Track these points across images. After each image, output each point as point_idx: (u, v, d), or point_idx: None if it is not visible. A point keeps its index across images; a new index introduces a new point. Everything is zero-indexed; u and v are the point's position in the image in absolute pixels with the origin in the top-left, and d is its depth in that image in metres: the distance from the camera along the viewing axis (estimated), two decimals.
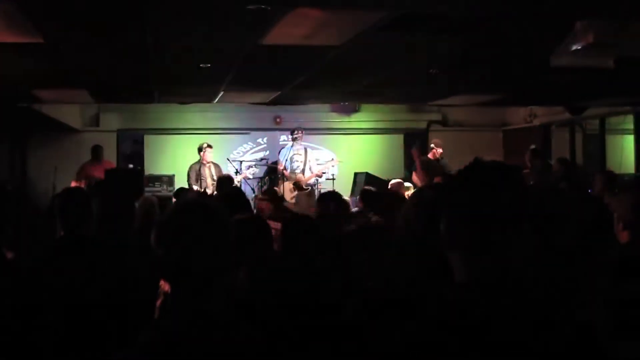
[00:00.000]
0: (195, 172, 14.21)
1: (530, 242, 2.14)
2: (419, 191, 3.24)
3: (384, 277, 3.34)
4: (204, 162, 14.21)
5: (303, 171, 14.63)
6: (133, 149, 18.07)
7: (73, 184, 11.01)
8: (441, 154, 14.10)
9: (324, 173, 15.07)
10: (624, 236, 4.72)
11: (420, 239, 2.84)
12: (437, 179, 11.42)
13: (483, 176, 2.15)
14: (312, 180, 14.77)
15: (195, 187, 13.94)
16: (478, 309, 2.02)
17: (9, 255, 3.81)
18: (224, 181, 10.99)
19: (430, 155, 14.23)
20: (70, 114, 15.82)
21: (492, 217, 2.08)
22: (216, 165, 14.40)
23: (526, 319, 2.00)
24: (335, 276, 4.70)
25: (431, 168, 13.46)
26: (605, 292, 4.09)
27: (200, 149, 14.30)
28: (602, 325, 3.54)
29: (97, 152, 14.47)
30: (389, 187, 11.97)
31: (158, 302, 3.85)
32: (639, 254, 4.54)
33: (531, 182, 11.32)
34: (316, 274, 4.47)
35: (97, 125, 17.33)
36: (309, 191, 14.44)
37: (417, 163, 12.51)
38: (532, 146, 14.24)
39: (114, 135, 17.45)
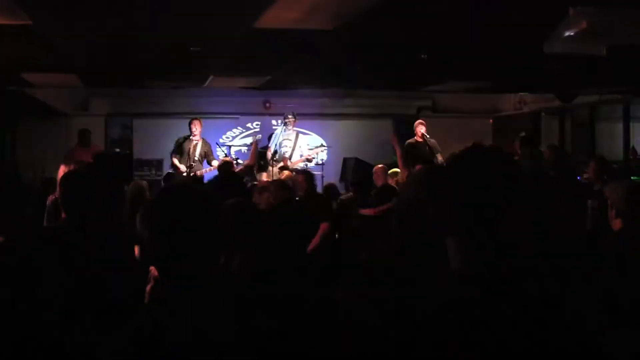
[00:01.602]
0: (178, 144, 14.05)
1: (527, 230, 2.12)
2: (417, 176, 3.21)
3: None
4: (192, 136, 14.07)
5: (291, 156, 14.54)
6: (122, 133, 17.99)
7: (62, 169, 10.94)
8: (422, 134, 13.83)
9: (313, 158, 14.99)
10: (617, 224, 4.74)
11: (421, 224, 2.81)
12: (417, 167, 11.26)
13: (481, 161, 2.12)
14: (300, 165, 14.69)
15: (174, 160, 13.87)
16: (472, 298, 2.00)
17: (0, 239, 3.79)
18: (225, 166, 10.94)
19: (414, 138, 14.04)
20: (59, 98, 15.73)
21: (489, 203, 2.06)
22: (205, 142, 14.21)
23: (521, 310, 1.98)
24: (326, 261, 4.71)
25: (414, 152, 13.38)
26: (599, 284, 4.10)
27: (189, 124, 14.18)
28: (595, 316, 3.55)
29: (84, 136, 14.32)
30: (374, 172, 11.91)
31: (148, 287, 3.84)
32: (631, 243, 4.56)
33: None
34: (306, 258, 4.47)
35: (86, 109, 17.24)
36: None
37: (397, 151, 12.31)
38: (522, 134, 14.21)
39: (103, 119, 17.38)
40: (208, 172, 13.67)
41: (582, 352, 1.98)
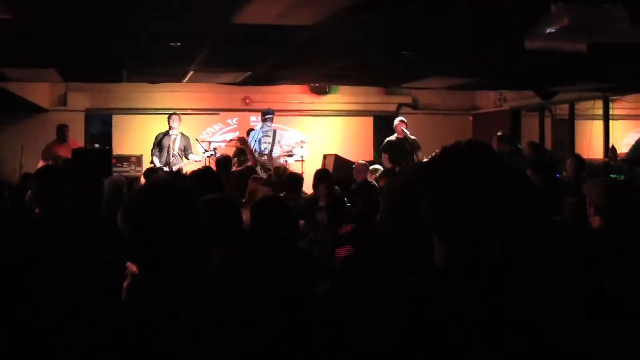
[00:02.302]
0: (157, 140, 14.13)
1: (512, 227, 2.11)
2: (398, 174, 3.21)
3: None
4: (171, 131, 14.08)
5: (270, 152, 14.52)
6: (101, 128, 17.94)
7: (40, 164, 10.88)
8: (403, 132, 13.82)
9: (292, 154, 14.98)
10: (595, 221, 4.76)
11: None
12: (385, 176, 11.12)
13: (468, 158, 2.11)
14: (281, 160, 14.68)
15: (155, 158, 13.89)
16: (458, 295, 1.99)
17: None
18: (223, 162, 10.94)
19: (395, 136, 14.04)
20: (37, 92, 15.63)
21: (474, 200, 2.04)
22: (184, 136, 14.23)
23: (500, 307, 1.97)
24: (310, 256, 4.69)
25: (394, 150, 13.43)
26: (577, 278, 4.11)
27: (168, 118, 14.24)
28: (577, 313, 3.55)
29: (62, 131, 14.27)
30: (354, 168, 11.93)
31: (125, 284, 3.81)
32: (610, 240, 4.58)
33: None
34: (289, 254, 4.45)
35: (65, 104, 17.13)
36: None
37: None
38: (499, 132, 14.24)
39: (82, 114, 17.27)
40: (187, 165, 13.69)
41: (564, 349, 1.97)
